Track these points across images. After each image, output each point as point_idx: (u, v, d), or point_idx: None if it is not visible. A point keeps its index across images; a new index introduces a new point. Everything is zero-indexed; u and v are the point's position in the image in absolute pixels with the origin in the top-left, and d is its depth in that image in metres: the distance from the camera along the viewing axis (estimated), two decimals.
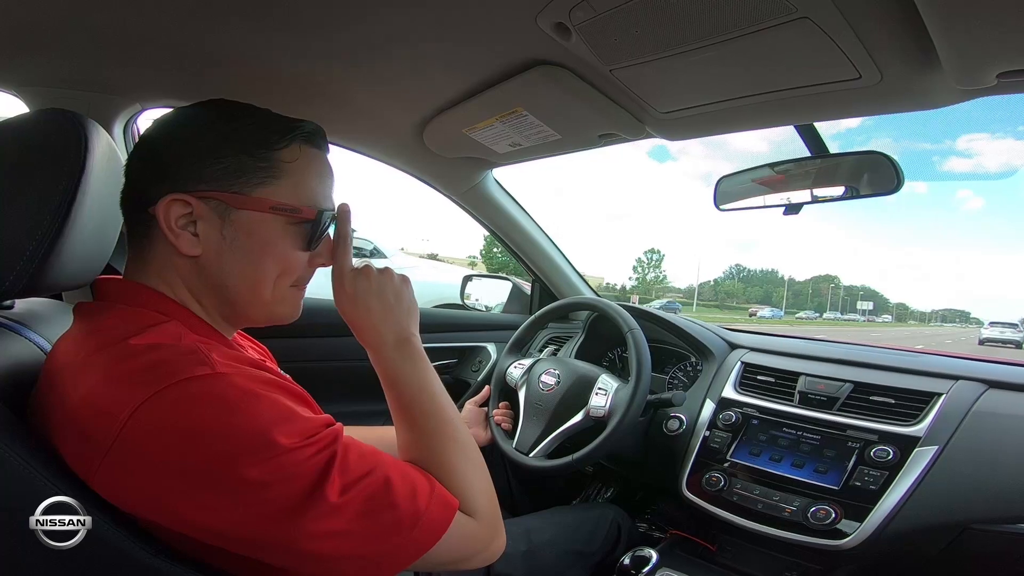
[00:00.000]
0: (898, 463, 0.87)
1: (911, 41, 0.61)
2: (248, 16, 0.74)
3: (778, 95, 0.75)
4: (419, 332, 0.67)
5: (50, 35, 0.79)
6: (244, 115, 0.57)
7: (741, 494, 0.96)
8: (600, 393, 1.06)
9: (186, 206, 0.53)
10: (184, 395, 0.43)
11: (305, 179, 0.58)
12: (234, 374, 0.47)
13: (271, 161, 0.56)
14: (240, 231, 0.55)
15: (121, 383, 0.44)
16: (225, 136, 0.55)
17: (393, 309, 0.64)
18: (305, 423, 0.47)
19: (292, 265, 0.59)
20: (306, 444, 0.45)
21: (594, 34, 0.69)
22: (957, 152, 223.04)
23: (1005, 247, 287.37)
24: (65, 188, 0.55)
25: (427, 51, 0.81)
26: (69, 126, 0.58)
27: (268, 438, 0.43)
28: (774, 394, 1.08)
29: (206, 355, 0.47)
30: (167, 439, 0.42)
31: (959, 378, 0.97)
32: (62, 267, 0.58)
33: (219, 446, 0.43)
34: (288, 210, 0.56)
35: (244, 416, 0.44)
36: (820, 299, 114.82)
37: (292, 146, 0.57)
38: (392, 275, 0.66)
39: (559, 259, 1.60)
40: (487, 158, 1.20)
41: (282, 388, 0.50)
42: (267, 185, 0.55)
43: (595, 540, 0.99)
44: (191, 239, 0.54)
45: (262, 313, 0.60)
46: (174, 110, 0.59)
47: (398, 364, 0.62)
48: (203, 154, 0.54)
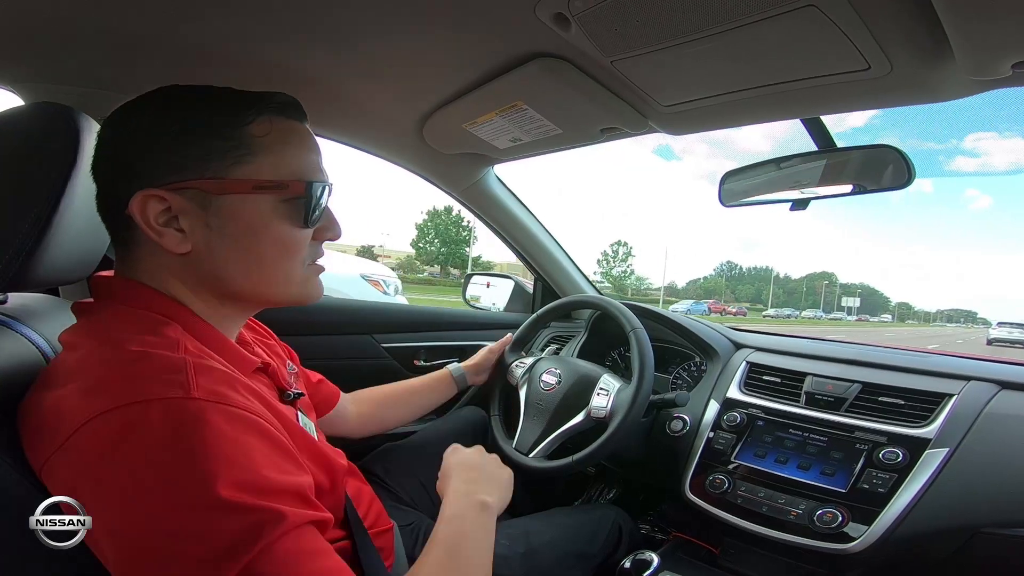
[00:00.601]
0: (907, 465, 0.85)
1: (923, 30, 0.59)
2: (241, 8, 0.73)
3: (783, 87, 0.73)
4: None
5: (43, 31, 0.78)
6: (202, 96, 0.54)
7: (745, 496, 0.94)
8: (602, 393, 1.05)
9: (162, 202, 0.50)
10: (141, 417, 0.40)
11: (284, 152, 0.54)
12: (208, 402, 0.43)
13: (241, 138, 0.52)
14: (227, 218, 0.52)
15: (91, 391, 0.43)
16: (186, 120, 0.51)
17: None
18: (264, 482, 0.42)
19: (294, 244, 0.56)
20: (246, 508, 0.40)
21: (594, 24, 0.67)
22: (964, 151, 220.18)
23: (1012, 247, 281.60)
24: (54, 181, 0.55)
25: (424, 44, 0.79)
26: (60, 119, 0.57)
27: (206, 485, 0.39)
28: (780, 395, 1.06)
29: (189, 376, 0.44)
30: (106, 455, 0.40)
31: (971, 379, 0.94)
32: (53, 261, 0.58)
33: (152, 477, 0.39)
34: (273, 187, 0.53)
35: (192, 453, 0.40)
36: (815, 297, 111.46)
37: (261, 119, 0.53)
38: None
39: (561, 257, 1.59)
40: (488, 154, 1.18)
41: (261, 433, 0.45)
42: (243, 164, 0.52)
43: (596, 542, 0.97)
44: (176, 236, 0.51)
45: (275, 297, 0.58)
46: (126, 104, 0.54)
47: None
48: (167, 143, 0.51)
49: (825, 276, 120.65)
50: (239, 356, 0.57)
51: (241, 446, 0.42)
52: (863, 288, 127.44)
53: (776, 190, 0.98)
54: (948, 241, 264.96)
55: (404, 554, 0.82)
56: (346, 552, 0.62)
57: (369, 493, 0.79)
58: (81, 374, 0.45)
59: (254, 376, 0.58)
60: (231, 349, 0.56)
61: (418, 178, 1.37)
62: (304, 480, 0.47)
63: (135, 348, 0.45)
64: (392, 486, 1.01)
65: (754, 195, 1.01)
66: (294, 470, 0.46)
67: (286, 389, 0.64)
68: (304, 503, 0.45)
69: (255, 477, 0.41)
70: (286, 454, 0.47)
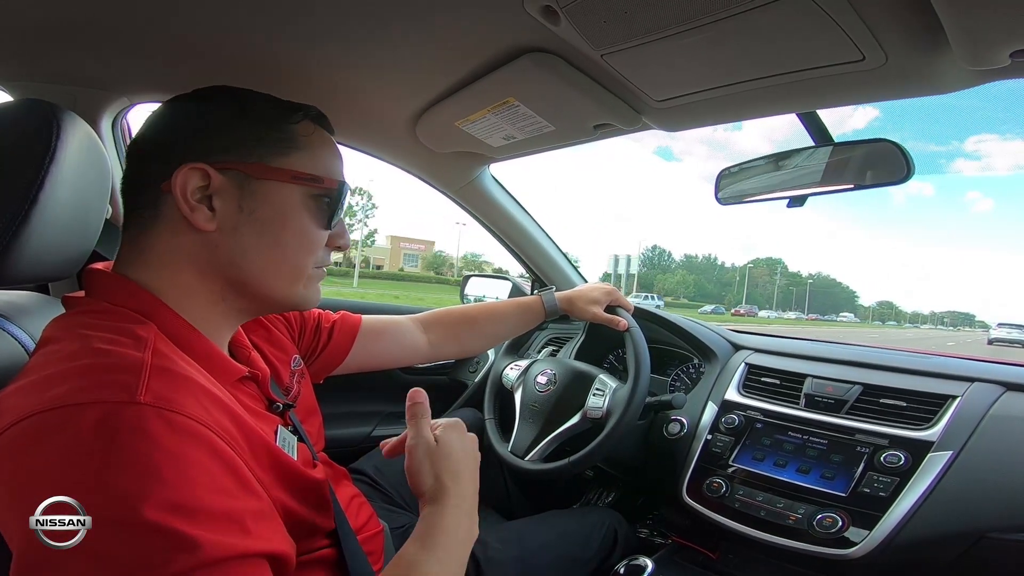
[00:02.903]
0: (910, 469, 0.83)
1: (917, 19, 0.57)
2: (232, 6, 0.72)
3: (777, 79, 0.71)
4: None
5: (35, 30, 0.78)
6: (253, 94, 0.58)
7: (743, 500, 0.92)
8: (598, 393, 1.03)
9: (204, 177, 0.52)
10: (71, 420, 0.37)
11: (321, 154, 0.59)
12: (154, 408, 0.39)
13: (289, 132, 0.56)
14: (260, 202, 0.54)
15: (34, 389, 0.41)
16: (239, 109, 0.56)
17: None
18: (192, 503, 0.37)
19: (312, 242, 0.58)
20: (156, 530, 0.35)
21: (582, 16, 0.66)
22: (965, 153, 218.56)
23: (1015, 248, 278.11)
24: (32, 176, 0.54)
25: (413, 39, 0.78)
26: (42, 115, 0.57)
27: (119, 499, 0.36)
28: (779, 396, 1.04)
29: (142, 378, 0.41)
30: (18, 457, 0.37)
31: (975, 380, 0.92)
32: (32, 257, 0.57)
33: (61, 483, 0.36)
34: (310, 179, 0.56)
35: (113, 463, 0.36)
36: (755, 290, 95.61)
37: (306, 122, 0.58)
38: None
39: (558, 258, 1.58)
40: (482, 152, 1.17)
41: (210, 448, 0.41)
42: (287, 155, 0.56)
43: (590, 546, 0.95)
44: (207, 213, 0.52)
45: (280, 293, 0.58)
46: (184, 94, 0.58)
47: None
48: (219, 125, 0.54)
49: (773, 263, 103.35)
50: (221, 363, 0.54)
51: (178, 460, 0.38)
52: (820, 280, 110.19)
53: (773, 186, 0.96)
54: (948, 241, 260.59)
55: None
56: (330, 560, 0.61)
57: (358, 496, 0.78)
58: (36, 370, 0.43)
59: (239, 385, 0.56)
60: (213, 355, 0.53)
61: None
62: (251, 506, 0.42)
63: (97, 346, 0.43)
64: (384, 488, 0.99)
65: (751, 192, 1.00)
66: (241, 493, 0.42)
67: (274, 400, 0.62)
68: (239, 532, 0.40)
69: (182, 496, 0.37)
70: (236, 475, 0.43)
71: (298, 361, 0.76)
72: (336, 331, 0.88)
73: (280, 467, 0.52)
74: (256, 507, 0.43)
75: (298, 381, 0.74)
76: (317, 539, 0.59)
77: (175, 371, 0.44)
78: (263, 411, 0.58)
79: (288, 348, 0.75)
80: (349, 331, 0.89)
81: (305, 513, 0.55)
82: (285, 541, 0.46)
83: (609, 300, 1.11)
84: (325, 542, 0.61)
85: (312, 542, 0.58)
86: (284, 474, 0.52)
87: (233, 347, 0.63)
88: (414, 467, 0.59)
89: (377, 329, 0.94)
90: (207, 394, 0.45)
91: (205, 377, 0.48)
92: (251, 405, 0.56)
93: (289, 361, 0.74)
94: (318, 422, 0.75)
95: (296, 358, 0.76)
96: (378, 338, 0.94)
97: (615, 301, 1.12)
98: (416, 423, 0.61)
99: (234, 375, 0.55)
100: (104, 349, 0.43)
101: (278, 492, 0.50)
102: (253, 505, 0.43)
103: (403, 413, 0.64)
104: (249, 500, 0.43)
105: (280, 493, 0.51)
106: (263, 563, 0.41)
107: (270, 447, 0.51)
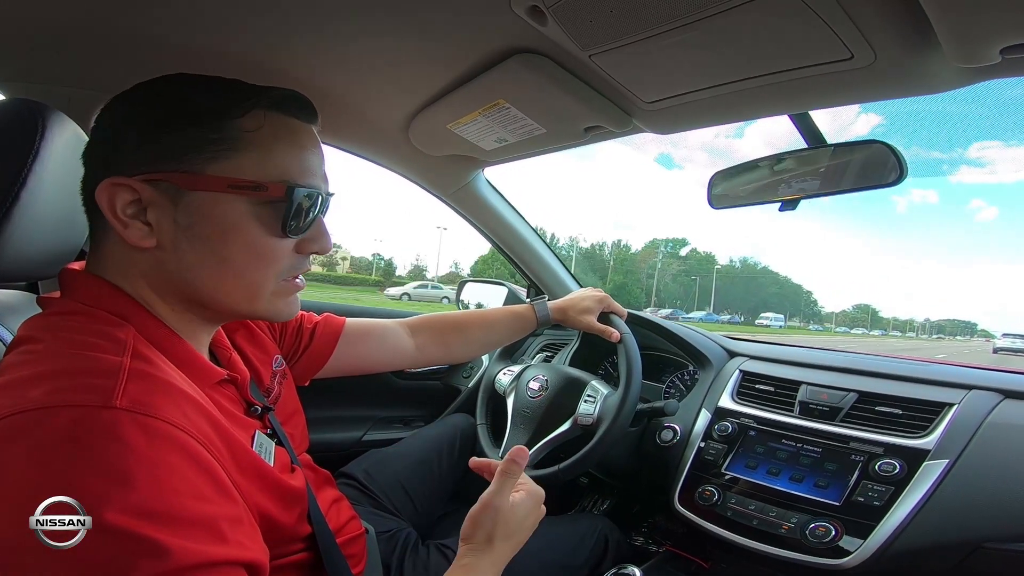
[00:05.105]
0: (905, 477, 0.81)
1: (905, 15, 0.56)
2: (224, 8, 0.72)
3: (767, 80, 0.71)
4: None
5: (28, 31, 0.79)
6: (197, 84, 0.51)
7: (736, 509, 0.90)
8: (589, 400, 1.02)
9: (131, 192, 0.47)
10: (41, 422, 0.36)
11: (273, 150, 0.50)
12: (130, 412, 0.38)
13: (227, 131, 0.49)
14: (195, 216, 0.48)
15: (6, 390, 0.39)
16: (173, 109, 0.49)
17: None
18: (165, 508, 0.36)
19: (268, 253, 0.51)
20: (124, 535, 0.34)
21: (569, 16, 0.65)
22: (968, 160, 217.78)
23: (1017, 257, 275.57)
24: (15, 174, 0.54)
25: (403, 40, 0.79)
26: (27, 114, 0.57)
27: (95, 504, 0.34)
28: (773, 404, 1.02)
29: (119, 382, 0.40)
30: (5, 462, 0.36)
31: (972, 387, 0.90)
32: (16, 256, 0.57)
33: (23, 480, 0.35)
34: (249, 187, 0.49)
35: (89, 467, 0.35)
36: (681, 289, 76.52)
37: (254, 113, 0.50)
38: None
39: (553, 262, 1.57)
40: (475, 156, 1.16)
41: (188, 452, 0.40)
42: (224, 160, 0.48)
43: (580, 553, 0.93)
44: (142, 229, 0.48)
45: (241, 310, 0.54)
46: (121, 92, 0.52)
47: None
48: (148, 132, 0.48)
49: (710, 260, 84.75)
50: (199, 366, 0.52)
51: (152, 465, 0.37)
52: (780, 282, 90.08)
53: (766, 190, 0.95)
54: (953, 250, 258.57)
55: (379, 560, 0.79)
56: (305, 563, 0.60)
57: (341, 500, 0.77)
58: (10, 371, 0.42)
59: (217, 387, 0.55)
60: (192, 359, 0.52)
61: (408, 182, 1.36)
62: (228, 511, 0.41)
63: (74, 349, 0.42)
64: (373, 491, 0.98)
65: (744, 196, 0.99)
66: (218, 499, 0.41)
67: (252, 403, 0.60)
68: (214, 539, 0.39)
69: (153, 502, 0.36)
70: (214, 480, 0.42)
71: (280, 361, 0.74)
72: (319, 332, 0.86)
73: (256, 472, 0.51)
74: (233, 513, 0.42)
75: (279, 382, 0.72)
76: (293, 544, 0.58)
77: (155, 375, 0.43)
78: (241, 415, 0.57)
79: (270, 348, 0.74)
80: (332, 332, 0.88)
81: (281, 518, 0.54)
82: (261, 549, 0.45)
83: (602, 307, 1.10)
84: (300, 546, 0.60)
85: (287, 547, 0.57)
86: (260, 479, 0.51)
87: (214, 347, 0.62)
88: (479, 518, 0.59)
89: (361, 331, 0.92)
90: (187, 398, 0.45)
91: (184, 380, 0.47)
92: (229, 408, 0.55)
93: (271, 362, 0.73)
94: (302, 423, 0.74)
95: (278, 358, 0.74)
96: (362, 340, 0.92)
97: (608, 308, 1.10)
98: (503, 481, 0.61)
99: (213, 378, 0.54)
100: (81, 353, 0.42)
101: (255, 498, 0.49)
102: (230, 511, 0.42)
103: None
104: (226, 505, 0.42)
105: (257, 499, 0.50)
106: (239, 571, 0.40)
107: (247, 452, 0.50)
